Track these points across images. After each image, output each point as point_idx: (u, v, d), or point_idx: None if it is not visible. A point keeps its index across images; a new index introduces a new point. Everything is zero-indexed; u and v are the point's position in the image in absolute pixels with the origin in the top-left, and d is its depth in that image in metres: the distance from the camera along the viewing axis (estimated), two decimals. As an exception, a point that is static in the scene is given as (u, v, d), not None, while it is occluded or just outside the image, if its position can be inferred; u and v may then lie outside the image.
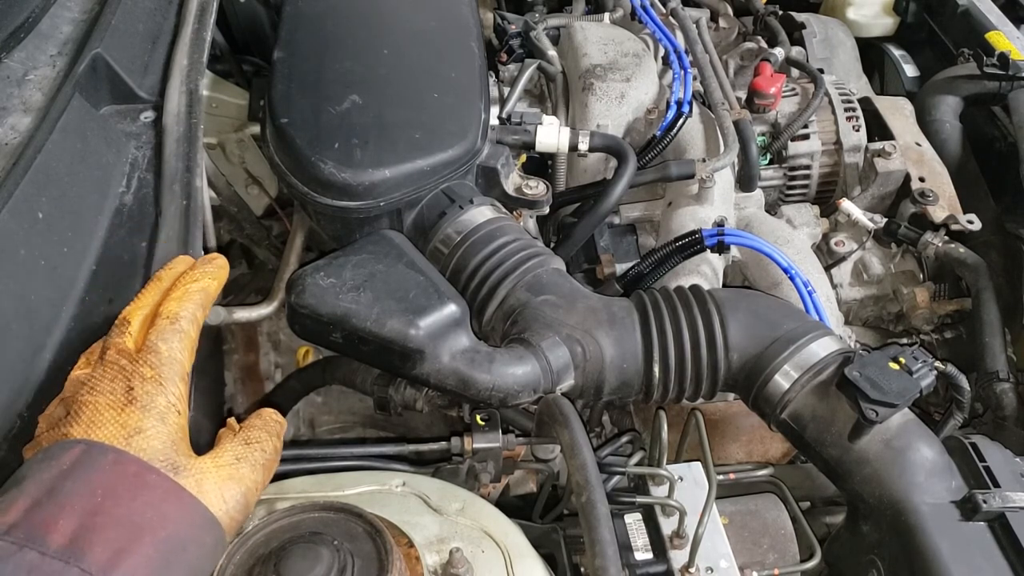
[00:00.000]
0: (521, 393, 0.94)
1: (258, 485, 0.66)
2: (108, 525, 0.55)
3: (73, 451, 0.58)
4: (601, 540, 0.73)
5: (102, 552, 0.54)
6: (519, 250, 1.06)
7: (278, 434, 0.70)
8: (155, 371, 0.64)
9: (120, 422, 0.61)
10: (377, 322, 0.92)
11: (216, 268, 0.75)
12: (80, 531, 0.54)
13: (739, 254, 1.35)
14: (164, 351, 0.66)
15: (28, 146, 0.85)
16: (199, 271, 0.74)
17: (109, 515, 0.55)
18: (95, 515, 0.55)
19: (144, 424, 0.62)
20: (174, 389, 0.65)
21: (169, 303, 0.70)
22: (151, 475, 0.59)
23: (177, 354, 0.66)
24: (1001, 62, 1.57)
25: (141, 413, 0.62)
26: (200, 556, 0.60)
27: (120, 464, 0.59)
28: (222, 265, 0.76)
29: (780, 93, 1.50)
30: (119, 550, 0.54)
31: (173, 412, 0.64)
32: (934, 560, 0.80)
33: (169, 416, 0.63)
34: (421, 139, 1.10)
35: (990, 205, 1.51)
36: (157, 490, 0.59)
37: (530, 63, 1.54)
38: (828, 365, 0.94)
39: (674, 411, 1.18)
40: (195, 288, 0.72)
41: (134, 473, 0.59)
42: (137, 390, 0.63)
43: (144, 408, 0.62)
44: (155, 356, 0.65)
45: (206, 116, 1.12)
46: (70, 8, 1.08)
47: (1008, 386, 1.22)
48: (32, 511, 0.54)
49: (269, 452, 0.68)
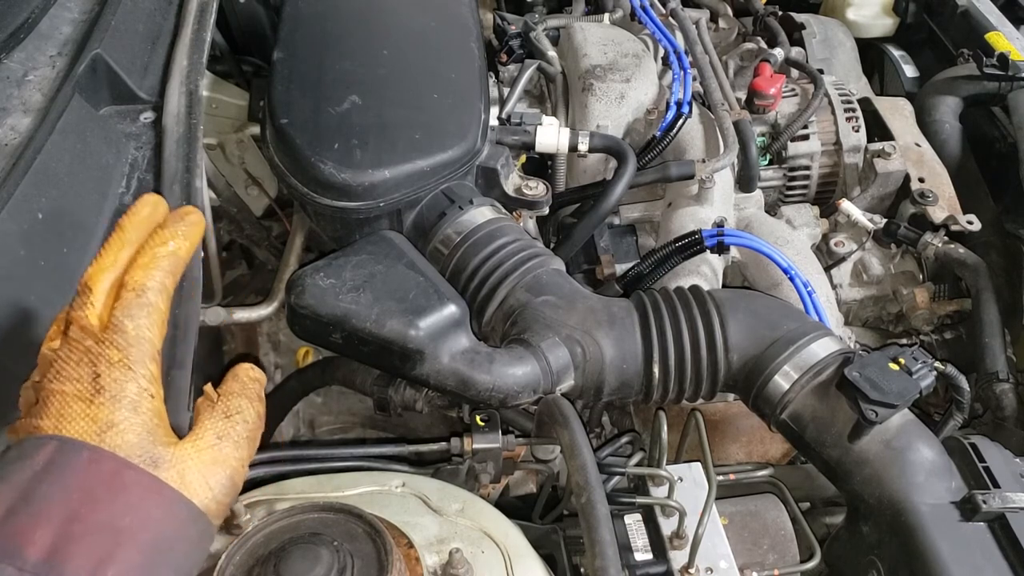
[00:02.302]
0: (521, 394, 0.94)
1: (243, 462, 0.63)
2: (87, 532, 0.52)
3: (46, 449, 0.55)
4: (601, 541, 0.73)
5: (83, 563, 0.51)
6: (519, 251, 1.06)
7: (259, 395, 0.66)
8: (122, 353, 0.59)
9: (90, 416, 0.57)
10: (377, 323, 0.92)
11: (188, 225, 0.66)
12: (58, 542, 0.51)
13: (739, 254, 1.35)
14: (131, 329, 0.60)
15: (28, 146, 0.85)
16: (169, 231, 0.64)
17: (87, 522, 0.53)
18: (73, 522, 0.52)
19: (116, 417, 0.58)
20: (144, 371, 0.60)
21: (135, 271, 0.62)
22: (129, 473, 0.56)
23: (145, 331, 0.60)
24: (1001, 63, 1.57)
25: (112, 405, 0.58)
26: (187, 551, 0.58)
27: (95, 463, 0.55)
28: (195, 221, 0.67)
29: (780, 94, 1.50)
30: (101, 560, 0.52)
31: (146, 398, 0.59)
32: (934, 560, 0.80)
33: (142, 404, 0.59)
34: (421, 140, 1.10)
35: (990, 205, 1.51)
36: (137, 489, 0.56)
37: (530, 64, 1.54)
38: (828, 366, 0.94)
39: (674, 412, 1.18)
40: (163, 252, 0.63)
41: (111, 472, 0.56)
42: (104, 377, 0.58)
43: (114, 399, 0.58)
44: (121, 336, 0.59)
45: (206, 117, 1.12)
46: (70, 8, 1.08)
47: (1008, 386, 1.21)
48: (6, 520, 0.51)
49: (252, 421, 0.64)
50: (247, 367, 0.67)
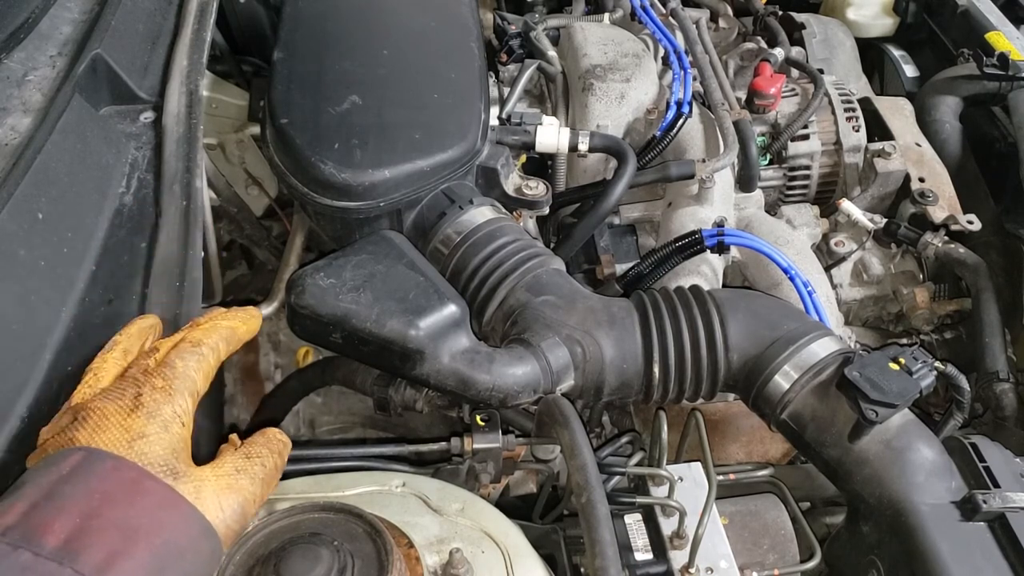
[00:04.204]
0: (521, 393, 0.94)
1: (256, 498, 0.67)
2: (104, 528, 0.55)
3: (74, 457, 0.59)
4: (601, 540, 0.73)
5: (96, 554, 0.54)
6: (519, 250, 1.06)
7: (280, 452, 0.71)
8: (167, 383, 0.66)
9: (124, 426, 0.62)
10: (377, 322, 0.92)
11: (248, 315, 0.78)
12: (75, 533, 0.54)
13: (739, 254, 1.35)
14: (179, 367, 0.67)
15: (28, 146, 0.85)
16: (231, 312, 0.76)
17: (105, 518, 0.56)
18: (91, 518, 0.55)
19: (148, 430, 0.62)
20: (182, 402, 0.66)
21: (195, 331, 0.72)
22: (149, 482, 0.60)
23: (192, 372, 0.68)
24: (1001, 62, 1.57)
25: (146, 419, 0.63)
26: (196, 564, 0.60)
27: (119, 470, 0.59)
28: (255, 315, 0.79)
29: (780, 93, 1.50)
30: (114, 553, 0.54)
31: (177, 423, 0.64)
32: (934, 560, 0.80)
33: (173, 426, 0.64)
34: (421, 140, 1.10)
35: (990, 205, 1.51)
36: (155, 496, 0.59)
37: (530, 63, 1.54)
38: (828, 365, 0.94)
39: (674, 411, 1.18)
40: (223, 324, 0.74)
41: (132, 479, 0.59)
42: (145, 397, 0.64)
43: (149, 415, 0.63)
44: (170, 370, 0.67)
45: (206, 117, 1.12)
46: (70, 8, 1.08)
47: (1008, 386, 1.22)
48: (29, 513, 0.55)
49: (269, 468, 0.69)
50: (275, 431, 0.73)
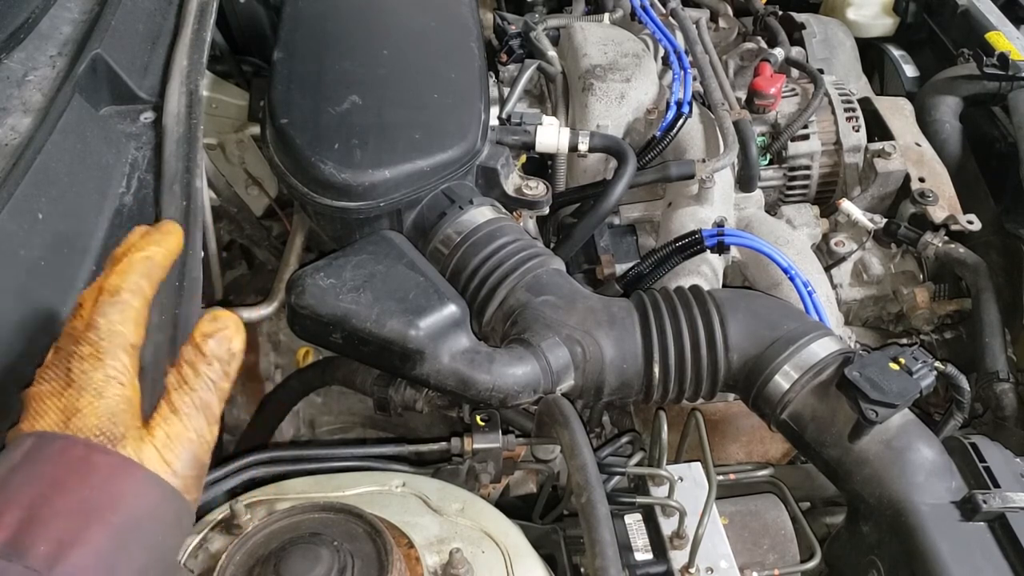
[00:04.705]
0: (521, 393, 0.94)
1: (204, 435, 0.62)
2: (54, 515, 0.53)
3: (24, 445, 0.57)
4: (601, 540, 0.73)
5: (46, 545, 0.52)
6: (519, 250, 1.06)
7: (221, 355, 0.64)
8: (93, 347, 0.61)
9: (59, 407, 0.59)
10: (377, 323, 0.92)
11: (163, 234, 0.69)
12: (23, 526, 0.52)
13: (739, 254, 1.35)
14: (103, 325, 0.62)
15: (28, 147, 0.85)
16: (143, 239, 0.68)
17: (54, 505, 0.53)
18: (39, 507, 0.53)
19: (80, 403, 0.59)
20: (114, 363, 0.61)
21: (110, 277, 0.65)
22: (97, 455, 0.57)
23: (117, 327, 0.62)
24: (1001, 62, 1.57)
25: (77, 393, 0.59)
26: (161, 532, 0.58)
27: (67, 450, 0.57)
28: (170, 230, 0.70)
29: (780, 93, 1.50)
30: (64, 542, 0.52)
31: (113, 384, 0.60)
32: (934, 560, 0.80)
33: (108, 389, 0.60)
34: (421, 140, 1.10)
35: (990, 205, 1.51)
36: (104, 470, 0.56)
37: (530, 63, 1.54)
38: (828, 365, 0.94)
39: (674, 411, 1.18)
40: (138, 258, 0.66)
41: (80, 457, 0.57)
42: (75, 370, 0.60)
43: (80, 388, 0.59)
44: (94, 332, 0.62)
45: (206, 117, 1.12)
46: (70, 8, 1.08)
47: (1008, 386, 1.22)
48: None
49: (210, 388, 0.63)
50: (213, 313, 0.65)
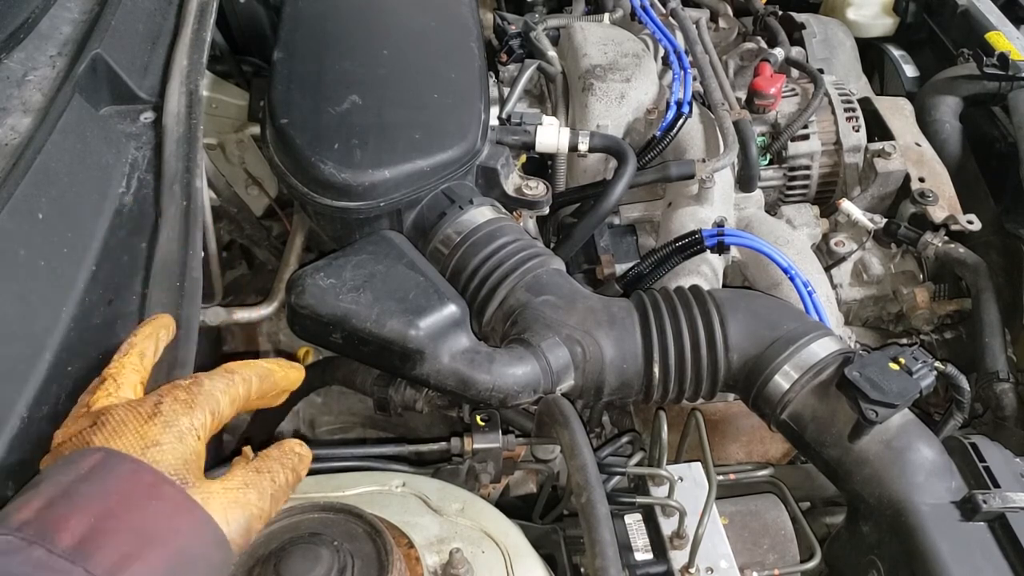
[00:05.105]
0: (521, 393, 0.94)
1: (264, 513, 0.66)
2: (118, 530, 0.55)
3: (93, 457, 0.59)
4: (601, 540, 0.73)
5: (110, 556, 0.54)
6: (519, 250, 1.06)
7: (295, 467, 0.69)
8: (189, 396, 0.65)
9: (140, 433, 0.62)
10: (377, 323, 0.92)
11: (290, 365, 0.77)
12: (90, 533, 0.54)
13: (739, 254, 1.35)
14: (206, 385, 0.67)
15: (28, 146, 0.85)
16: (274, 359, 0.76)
17: (121, 521, 0.56)
18: (107, 519, 0.55)
19: (162, 438, 0.62)
20: (201, 416, 0.65)
21: (233, 365, 0.71)
22: (166, 487, 0.60)
23: (217, 392, 0.67)
24: (1001, 62, 1.57)
25: (162, 428, 0.62)
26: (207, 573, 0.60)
27: (137, 473, 0.59)
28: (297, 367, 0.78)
29: (780, 93, 1.50)
30: (127, 555, 0.54)
31: (192, 435, 0.64)
32: (934, 560, 0.80)
33: (188, 438, 0.63)
34: (421, 139, 1.10)
35: (990, 205, 1.51)
36: (170, 502, 0.59)
37: (530, 63, 1.54)
38: (828, 365, 0.94)
39: (674, 411, 1.18)
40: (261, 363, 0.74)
41: (150, 483, 0.59)
42: (165, 407, 0.64)
43: (166, 424, 0.63)
44: (196, 386, 0.67)
45: (206, 117, 1.12)
46: (70, 8, 1.08)
47: (1008, 386, 1.22)
48: (45, 510, 0.55)
49: (280, 483, 0.68)
50: (293, 443, 0.71)
